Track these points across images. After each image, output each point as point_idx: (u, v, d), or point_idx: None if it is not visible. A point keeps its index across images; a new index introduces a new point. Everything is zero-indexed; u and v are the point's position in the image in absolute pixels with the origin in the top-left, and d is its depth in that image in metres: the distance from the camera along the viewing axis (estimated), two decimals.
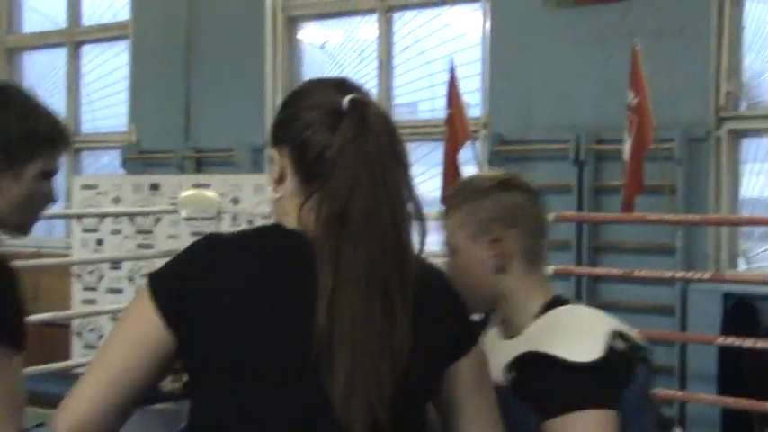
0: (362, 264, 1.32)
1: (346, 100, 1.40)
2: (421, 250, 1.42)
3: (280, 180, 1.46)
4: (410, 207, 1.39)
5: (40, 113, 1.75)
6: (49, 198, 1.83)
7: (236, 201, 8.05)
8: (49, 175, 1.78)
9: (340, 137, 1.37)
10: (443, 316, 1.45)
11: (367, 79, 7.84)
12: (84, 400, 1.36)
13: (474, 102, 7.10)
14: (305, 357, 1.31)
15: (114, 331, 1.42)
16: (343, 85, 1.47)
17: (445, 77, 6.50)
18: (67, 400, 1.37)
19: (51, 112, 1.80)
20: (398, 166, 1.39)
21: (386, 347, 1.31)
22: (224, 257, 1.39)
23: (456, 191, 1.87)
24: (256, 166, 8.31)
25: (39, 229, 8.84)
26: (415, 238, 1.40)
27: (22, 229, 1.80)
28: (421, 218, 1.40)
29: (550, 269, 5.38)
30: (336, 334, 1.30)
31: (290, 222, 1.43)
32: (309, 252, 1.34)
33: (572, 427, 1.57)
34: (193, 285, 1.37)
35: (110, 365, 1.37)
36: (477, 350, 1.48)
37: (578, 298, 6.59)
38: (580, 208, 6.55)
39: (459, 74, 6.41)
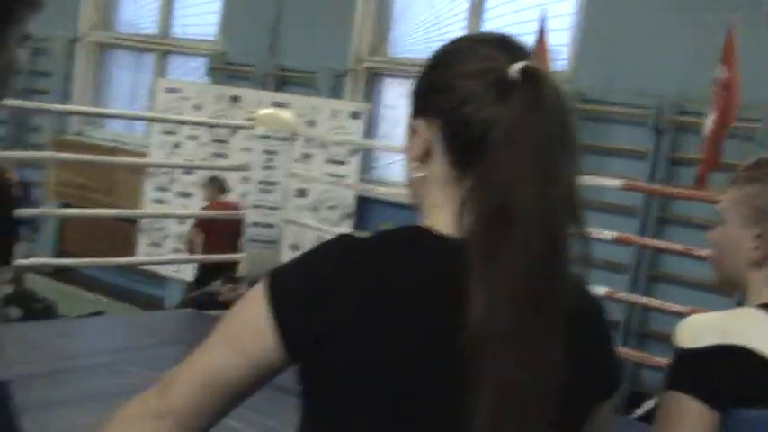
0: (521, 276, 1.09)
1: (516, 69, 1.13)
2: (585, 270, 1.18)
3: (424, 157, 1.20)
4: (575, 213, 1.14)
5: None
6: (16, 68, 1.49)
7: (311, 123, 8.14)
8: (23, 42, 1.47)
9: (508, 116, 1.11)
10: (597, 351, 1.23)
11: (456, 19, 7.82)
12: (179, 395, 1.18)
13: (560, 56, 7.03)
14: (448, 388, 1.12)
15: (224, 329, 1.19)
16: (508, 47, 1.18)
17: (535, 27, 6.43)
18: (168, 384, 1.19)
19: None
20: (570, 159, 1.14)
21: (539, 379, 1.11)
22: (361, 270, 1.15)
23: (758, 164, 1.66)
24: (335, 92, 8.37)
25: (119, 125, 9.09)
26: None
27: None
28: (581, 228, 1.15)
29: (612, 235, 5.39)
30: (484, 356, 1.09)
31: (435, 216, 1.20)
32: (460, 260, 1.11)
33: (660, 404, 1.55)
34: (319, 304, 1.14)
35: (210, 370, 1.18)
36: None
37: (638, 267, 6.57)
38: (653, 176, 6.49)
39: (549, 26, 6.34)
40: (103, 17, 10.36)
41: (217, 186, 7.68)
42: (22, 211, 7.89)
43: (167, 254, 8.82)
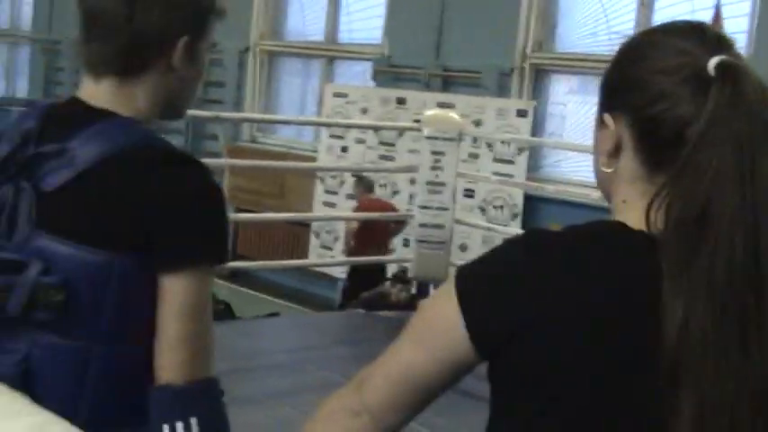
0: (720, 279, 1.05)
1: (713, 63, 1.09)
2: None
3: (614, 152, 1.17)
4: None
5: None
6: (203, 75, 1.59)
7: (478, 123, 8.11)
8: (211, 49, 1.56)
9: (706, 114, 1.07)
10: None
11: (625, 11, 7.61)
12: (374, 392, 1.21)
13: (739, 44, 6.74)
14: (644, 391, 1.09)
15: (416, 327, 1.21)
16: (705, 39, 1.13)
17: (709, 14, 6.19)
18: (363, 381, 1.22)
19: None
20: None
21: (744, 391, 1.06)
22: (552, 266, 1.13)
23: None
24: (502, 91, 8.31)
25: (289, 131, 9.41)
26: None
27: (186, 111, 1.61)
28: None
29: None
30: (684, 364, 1.06)
31: (626, 212, 1.17)
32: (656, 260, 1.09)
33: None
34: (511, 302, 1.13)
35: (402, 367, 1.19)
36: None
37: None
38: None
39: (724, 12, 6.09)
40: (272, 27, 10.68)
41: (365, 185, 7.86)
42: None
43: (338, 255, 8.99)
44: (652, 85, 1.13)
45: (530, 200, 7.89)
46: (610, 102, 1.18)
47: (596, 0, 7.85)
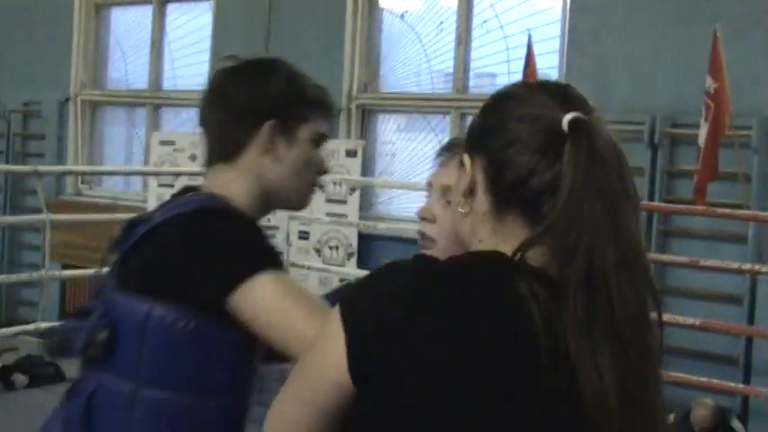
0: (621, 320, 1.10)
1: (567, 119, 1.13)
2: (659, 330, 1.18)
3: (469, 193, 1.22)
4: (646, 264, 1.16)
5: (306, 79, 1.80)
6: (322, 168, 1.80)
7: None
8: (319, 140, 1.78)
9: (569, 167, 1.11)
10: None
11: (445, 50, 7.86)
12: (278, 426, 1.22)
13: (550, 78, 7.07)
14: (527, 422, 1.11)
15: (304, 360, 1.23)
16: (565, 97, 1.18)
17: (522, 52, 6.47)
18: (269, 420, 1.24)
19: (315, 81, 1.85)
20: (633, 210, 1.15)
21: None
22: (434, 299, 1.13)
23: None
24: (331, 131, 8.38)
25: (117, 182, 9.08)
26: None
27: (301, 200, 1.81)
28: (654, 291, 1.17)
29: None
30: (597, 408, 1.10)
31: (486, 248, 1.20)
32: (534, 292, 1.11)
33: None
34: (391, 330, 1.12)
35: (297, 402, 1.20)
36: None
37: None
38: (652, 191, 6.49)
39: (536, 49, 6.37)
40: (93, 76, 10.41)
41: None
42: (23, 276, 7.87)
43: None
44: (508, 129, 1.17)
45: (364, 239, 7.96)
46: (471, 145, 1.23)
47: (417, 41, 8.07)
